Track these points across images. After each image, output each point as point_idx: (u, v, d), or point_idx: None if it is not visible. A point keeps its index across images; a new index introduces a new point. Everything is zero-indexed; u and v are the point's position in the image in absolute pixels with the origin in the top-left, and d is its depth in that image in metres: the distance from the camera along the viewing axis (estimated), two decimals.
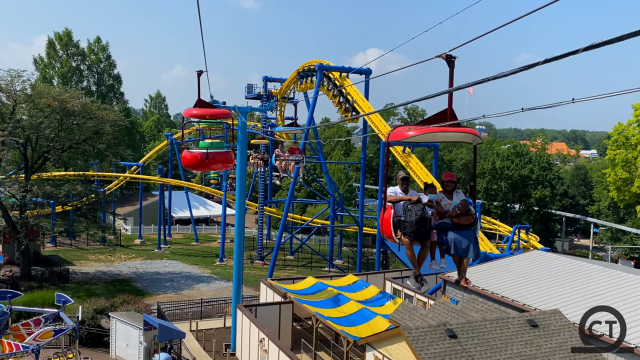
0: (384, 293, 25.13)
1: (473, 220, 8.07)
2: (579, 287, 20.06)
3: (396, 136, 7.03)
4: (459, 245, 7.89)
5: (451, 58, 6.38)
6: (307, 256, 51.94)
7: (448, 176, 8.58)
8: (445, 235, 8.01)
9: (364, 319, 21.23)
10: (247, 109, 24.58)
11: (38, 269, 39.03)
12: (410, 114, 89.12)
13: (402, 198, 8.03)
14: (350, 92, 37.90)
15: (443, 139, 7.87)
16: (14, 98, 34.99)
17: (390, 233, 7.85)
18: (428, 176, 32.33)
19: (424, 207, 7.82)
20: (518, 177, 61.65)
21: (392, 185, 8.43)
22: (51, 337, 17.64)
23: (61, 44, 68.47)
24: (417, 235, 7.60)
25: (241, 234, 21.91)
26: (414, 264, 8.12)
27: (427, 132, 6.52)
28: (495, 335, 15.66)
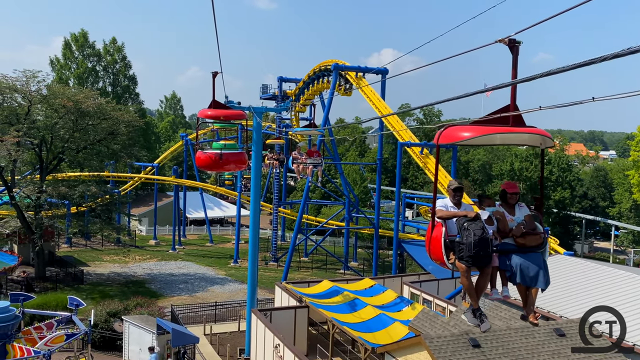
0: (401, 298, 24.52)
1: (542, 241, 6.73)
2: (607, 294, 19.30)
3: (448, 137, 5.91)
4: (525, 271, 6.58)
5: (515, 43, 5.34)
6: (321, 258, 51.43)
7: (511, 187, 7.08)
8: (509, 259, 6.66)
9: (382, 325, 20.65)
10: (262, 109, 24.15)
11: (53, 270, 38.98)
12: (426, 115, 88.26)
13: (456, 214, 6.65)
14: (367, 92, 37.32)
15: (503, 142, 6.64)
16: (29, 99, 34.96)
17: (441, 256, 6.56)
18: (447, 178, 31.61)
19: (483, 225, 6.42)
20: (537, 178, 60.56)
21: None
22: (63, 342, 17.29)
23: (77, 45, 68.75)
24: (476, 261, 6.30)
25: (256, 238, 21.47)
26: (471, 295, 6.77)
27: (489, 133, 5.45)
28: (520, 345, 15.01)
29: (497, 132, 5.49)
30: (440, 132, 5.86)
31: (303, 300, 24.06)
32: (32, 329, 18.44)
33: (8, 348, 16.60)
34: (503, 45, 5.26)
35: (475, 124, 5.60)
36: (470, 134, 5.54)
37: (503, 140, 6.48)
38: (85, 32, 69.17)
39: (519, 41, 5.29)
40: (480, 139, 5.52)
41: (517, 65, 5.30)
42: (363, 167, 71.59)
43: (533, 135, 6.09)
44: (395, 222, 36.54)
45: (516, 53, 5.36)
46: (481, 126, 5.46)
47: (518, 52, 5.33)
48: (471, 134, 5.53)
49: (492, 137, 5.79)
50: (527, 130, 5.91)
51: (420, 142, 35.34)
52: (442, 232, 6.59)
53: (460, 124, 5.67)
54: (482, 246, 6.25)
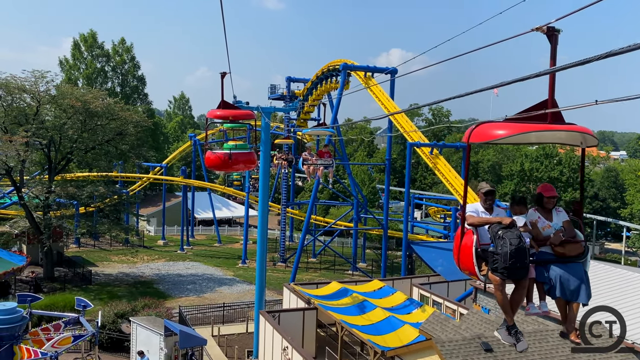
0: (411, 300, 24.22)
1: (582, 250, 6.08)
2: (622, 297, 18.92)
3: (481, 136, 5.32)
4: (566, 284, 5.95)
5: (554, 31, 4.79)
6: (330, 259, 51.20)
7: (548, 190, 6.40)
8: (547, 270, 6.00)
9: (391, 328, 20.38)
10: (271, 109, 23.97)
11: (61, 270, 39.02)
12: (435, 115, 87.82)
13: (490, 220, 6.01)
14: (376, 92, 37.06)
15: (539, 140, 5.99)
16: (38, 99, 35.00)
17: (472, 267, 5.92)
18: (457, 179, 31.30)
19: (520, 234, 5.72)
20: (547, 179, 60.02)
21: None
22: (70, 344, 17.21)
23: (86, 45, 68.98)
24: (512, 273, 5.69)
25: (264, 239, 21.28)
26: (506, 310, 6.14)
27: (527, 130, 4.89)
28: (533, 349, 14.70)
29: (536, 129, 5.00)
30: (471, 129, 5.33)
31: (311, 301, 23.85)
32: (39, 330, 18.38)
33: (15, 349, 16.52)
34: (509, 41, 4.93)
35: (509, 121, 5.11)
36: (505, 132, 5.00)
37: (539, 139, 5.89)
38: (94, 32, 69.41)
39: (558, 29, 4.82)
40: (514, 137, 5.01)
41: (555, 56, 4.86)
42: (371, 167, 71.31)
43: (572, 133, 5.49)
44: (405, 223, 36.24)
45: (555, 42, 4.89)
46: (517, 123, 4.97)
47: (557, 42, 4.87)
48: (507, 132, 5.00)
49: (527, 136, 5.27)
50: (567, 127, 5.35)
51: (430, 142, 35.02)
52: (473, 241, 5.97)
53: (491, 121, 5.17)
54: (519, 257, 5.62)
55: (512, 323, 6.28)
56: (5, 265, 30.38)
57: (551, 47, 4.93)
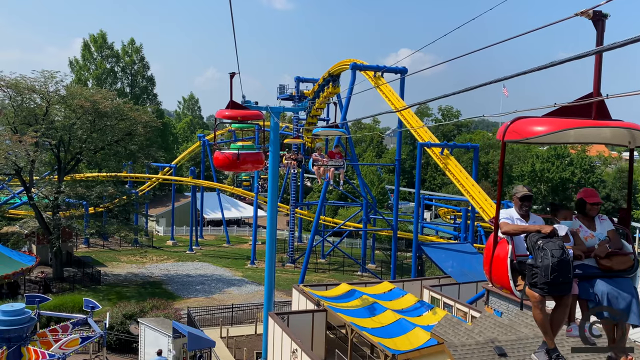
0: (422, 302, 23.92)
1: (632, 263, 5.43)
2: None
3: (518, 132, 4.69)
4: (614, 302, 5.29)
5: (601, 16, 4.30)
6: (339, 259, 50.93)
7: (592, 195, 5.81)
8: (592, 286, 5.34)
9: (402, 331, 20.11)
10: (280, 109, 23.73)
11: (71, 270, 39.04)
12: (445, 115, 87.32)
13: (527, 229, 5.36)
14: (385, 92, 36.75)
15: (578, 140, 5.30)
16: (48, 99, 35.02)
17: (506, 281, 5.32)
18: (468, 179, 30.92)
19: (563, 244, 5.11)
20: (558, 180, 59.45)
21: None
22: (78, 346, 17.10)
23: (96, 46, 69.18)
24: (553, 288, 5.07)
25: (273, 241, 21.06)
26: (545, 331, 5.47)
27: (571, 127, 4.31)
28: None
29: (580, 126, 4.46)
30: (506, 125, 4.77)
31: (321, 303, 23.61)
32: (47, 331, 18.29)
33: (23, 351, 16.42)
34: (515, 40, 4.58)
35: (549, 116, 4.54)
36: (546, 128, 4.40)
37: (579, 138, 5.26)
38: (104, 33, 69.58)
39: (605, 14, 4.34)
40: (553, 136, 4.46)
41: (602, 43, 4.37)
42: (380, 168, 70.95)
43: (619, 130, 4.84)
44: (415, 224, 35.90)
45: (602, 29, 4.42)
46: (558, 119, 4.42)
47: (604, 28, 4.39)
48: (548, 128, 4.39)
49: (566, 134, 4.73)
50: (614, 124, 4.73)
51: (440, 142, 34.67)
52: (508, 251, 5.34)
53: (527, 116, 4.44)
54: (562, 270, 4.98)
55: (553, 346, 5.58)
56: (15, 266, 30.44)
57: (597, 34, 4.52)
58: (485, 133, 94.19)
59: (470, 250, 33.81)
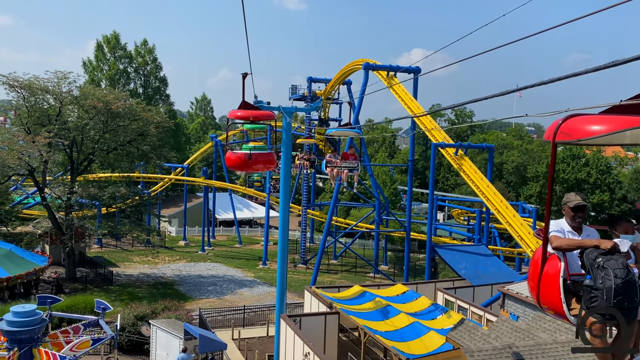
0: (436, 305, 23.52)
1: None
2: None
3: (572, 132, 4.12)
4: None
5: None
6: (351, 261, 50.61)
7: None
8: None
9: (416, 334, 19.74)
10: (292, 109, 23.47)
11: (83, 271, 39.14)
12: (458, 115, 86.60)
13: (583, 243, 4.69)
14: (398, 92, 36.39)
15: (634, 141, 4.65)
16: (60, 100, 35.11)
17: (559, 304, 4.62)
18: (483, 180, 30.45)
19: (627, 262, 4.44)
20: (574, 180, 58.60)
21: None
22: (88, 348, 17.00)
23: (109, 47, 69.46)
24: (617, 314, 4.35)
25: (285, 243, 20.81)
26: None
27: (635, 126, 3.65)
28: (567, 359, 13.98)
29: None
30: (558, 124, 4.22)
31: (333, 306, 23.32)
32: (59, 332, 18.21)
33: (34, 352, 16.34)
34: (531, 42, 4.20)
35: (606, 114, 3.92)
36: (605, 128, 3.85)
37: (634, 139, 4.62)
38: (117, 34, 69.85)
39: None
40: (609, 136, 3.91)
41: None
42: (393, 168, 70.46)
43: None
44: (429, 226, 35.48)
45: None
46: (619, 116, 3.84)
47: None
48: (607, 128, 3.84)
49: (622, 135, 4.18)
50: None
51: (454, 142, 34.23)
52: (560, 269, 4.66)
53: (579, 113, 4.02)
54: (627, 293, 4.27)
55: None
56: (28, 266, 30.54)
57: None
58: (499, 133, 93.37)
59: (485, 252, 33.35)
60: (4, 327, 15.97)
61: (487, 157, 63.59)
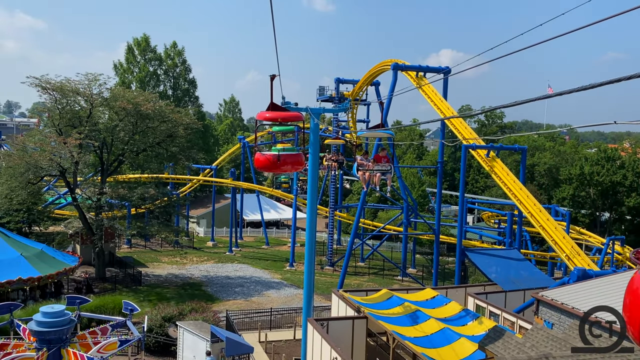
0: (466, 311, 22.92)
1: None
2: None
3: None
4: None
5: None
6: (378, 263, 50.07)
7: None
8: None
9: (446, 341, 19.23)
10: (320, 110, 23.17)
11: (113, 271, 39.55)
12: (488, 117, 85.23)
13: None
14: (428, 92, 35.80)
15: None
16: (91, 101, 35.54)
17: None
18: (515, 183, 29.67)
19: None
20: (609, 183, 56.93)
21: None
22: (116, 349, 17.00)
23: (139, 49, 70.36)
24: None
25: (312, 245, 20.53)
26: None
27: None
28: None
29: None
30: None
31: (361, 310, 22.93)
32: (87, 333, 18.27)
33: (63, 353, 16.40)
34: (563, 43, 3.85)
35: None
36: None
37: None
38: (147, 36, 70.70)
39: None
40: None
41: None
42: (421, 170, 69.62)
43: None
44: (459, 229, 34.74)
45: None
46: None
47: None
48: None
49: None
50: None
51: (486, 144, 33.46)
52: None
53: None
54: None
55: None
56: (59, 266, 30.94)
57: None
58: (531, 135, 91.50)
59: (517, 257, 32.50)
60: (34, 327, 16.08)
61: (518, 159, 62.49)
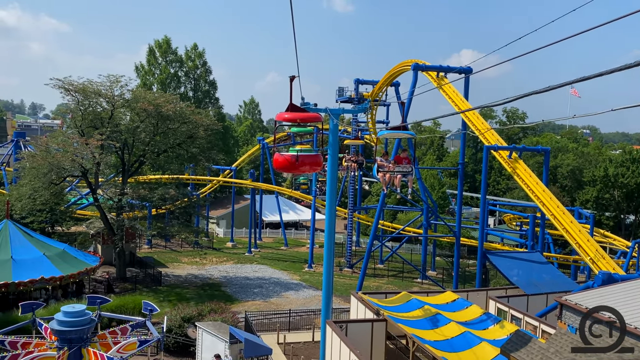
0: (488, 314, 22.57)
1: None
2: None
3: None
4: None
5: None
6: (398, 265, 49.73)
7: None
8: None
9: (467, 345, 18.95)
10: (339, 111, 23.01)
11: (133, 271, 39.88)
12: (510, 117, 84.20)
13: None
14: (448, 92, 35.43)
15: None
16: (113, 103, 35.90)
17: None
18: (538, 184, 29.17)
19: None
20: (634, 185, 55.79)
21: None
22: (135, 350, 17.06)
23: (160, 51, 71.03)
24: None
25: (331, 247, 20.40)
26: None
27: None
28: None
29: None
30: None
31: (380, 313, 22.73)
32: (107, 333, 18.37)
33: (83, 352, 16.49)
34: (587, 38, 3.72)
35: None
36: None
37: None
38: (168, 38, 71.36)
39: None
40: None
41: None
42: (441, 171, 69.03)
43: None
44: (480, 231, 34.30)
45: None
46: None
47: None
48: None
49: None
50: None
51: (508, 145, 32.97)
52: None
53: None
54: None
55: None
56: (80, 265, 31.28)
57: None
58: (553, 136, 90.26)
59: (539, 260, 31.97)
60: (55, 326, 16.20)
61: (539, 160, 61.61)
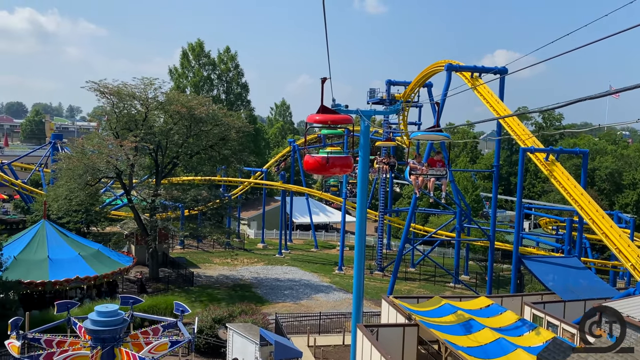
0: (523, 321, 21.98)
1: None
2: None
3: None
4: None
5: None
6: (429, 269, 49.08)
7: None
8: None
9: (502, 352, 18.46)
10: (371, 112, 22.79)
11: (166, 271, 40.38)
12: (546, 119, 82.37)
13: None
14: (483, 93, 34.77)
15: None
16: (147, 105, 36.42)
17: None
18: (576, 188, 28.32)
19: None
20: None
21: None
22: (166, 350, 17.17)
23: (194, 54, 71.96)
24: None
25: (362, 250, 20.17)
26: None
27: None
28: None
29: None
30: None
31: (412, 317, 22.37)
32: (139, 333, 18.55)
33: (116, 352, 16.68)
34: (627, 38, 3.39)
35: None
36: None
37: None
38: (202, 42, 72.24)
39: None
40: None
41: None
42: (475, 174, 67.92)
43: None
44: (516, 235, 33.49)
45: None
46: None
47: None
48: None
49: None
50: None
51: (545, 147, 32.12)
52: None
53: None
54: None
55: None
56: (114, 265, 31.79)
57: None
58: (591, 138, 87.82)
59: (577, 265, 31.04)
60: (89, 325, 16.43)
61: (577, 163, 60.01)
